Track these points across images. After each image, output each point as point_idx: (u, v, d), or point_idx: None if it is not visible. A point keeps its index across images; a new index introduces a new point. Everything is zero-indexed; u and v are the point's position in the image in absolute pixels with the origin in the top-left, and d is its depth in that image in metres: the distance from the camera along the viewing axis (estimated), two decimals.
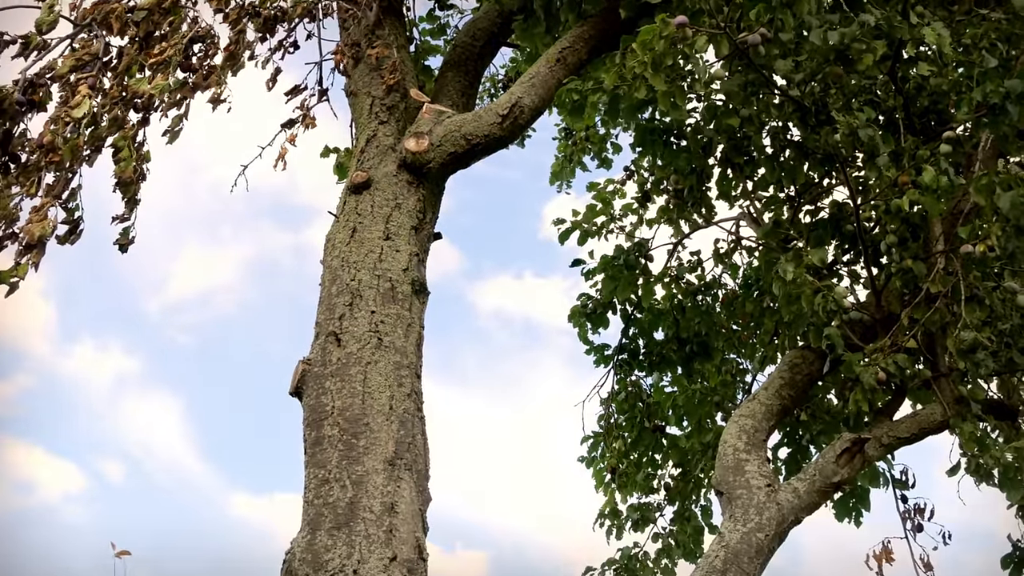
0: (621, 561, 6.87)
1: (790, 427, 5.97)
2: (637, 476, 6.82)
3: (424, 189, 3.83)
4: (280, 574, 2.98)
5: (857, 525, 6.01)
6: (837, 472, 3.90)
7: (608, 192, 7.01)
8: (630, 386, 6.93)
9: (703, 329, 6.50)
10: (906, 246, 4.51)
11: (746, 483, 3.82)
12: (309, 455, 3.13)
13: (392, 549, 2.84)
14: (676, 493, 6.91)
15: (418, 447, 3.23)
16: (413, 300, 3.53)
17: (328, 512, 2.92)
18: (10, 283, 3.42)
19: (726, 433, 4.20)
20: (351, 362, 3.26)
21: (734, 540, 3.54)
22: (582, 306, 6.69)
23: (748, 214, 6.66)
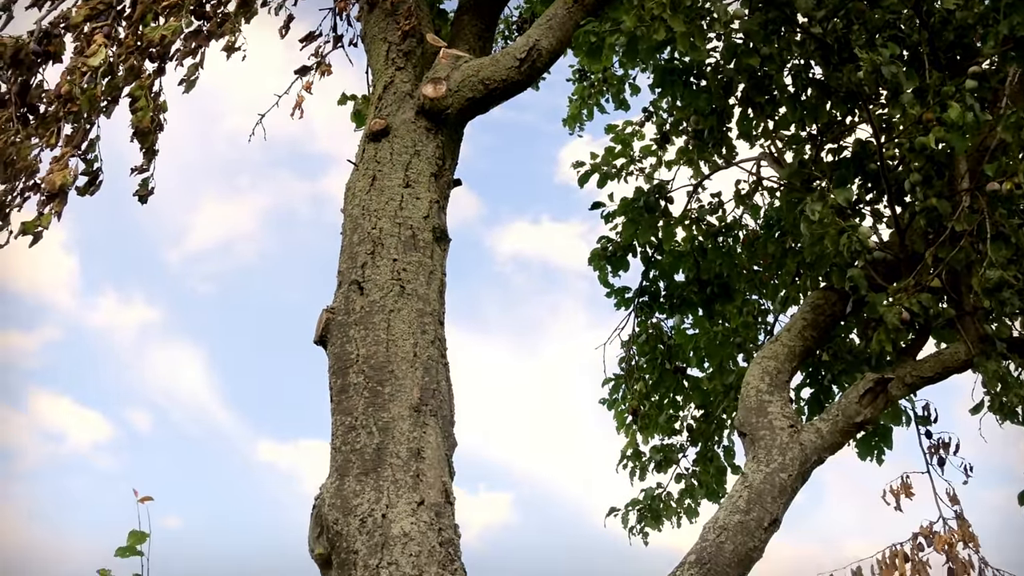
0: (644, 501, 6.96)
1: (812, 368, 5.97)
2: (659, 418, 6.87)
3: (443, 135, 3.80)
4: (310, 519, 3.03)
5: (879, 463, 6.04)
6: (860, 412, 3.91)
7: (627, 134, 6.94)
8: (651, 328, 6.94)
9: (724, 271, 6.48)
10: (931, 184, 4.45)
11: (769, 424, 3.83)
12: (335, 403, 3.17)
13: (420, 493, 2.88)
14: (698, 434, 6.95)
15: (443, 393, 3.26)
16: (434, 247, 3.53)
17: (356, 458, 2.95)
18: (34, 233, 3.44)
19: (748, 375, 4.21)
20: (374, 310, 3.28)
21: (757, 480, 3.56)
22: (602, 249, 6.67)
23: (769, 154, 6.58)
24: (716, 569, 3.24)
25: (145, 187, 4.23)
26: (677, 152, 6.78)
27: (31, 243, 3.44)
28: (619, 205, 6.58)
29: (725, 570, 3.26)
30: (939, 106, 4.20)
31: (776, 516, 3.49)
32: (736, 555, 3.30)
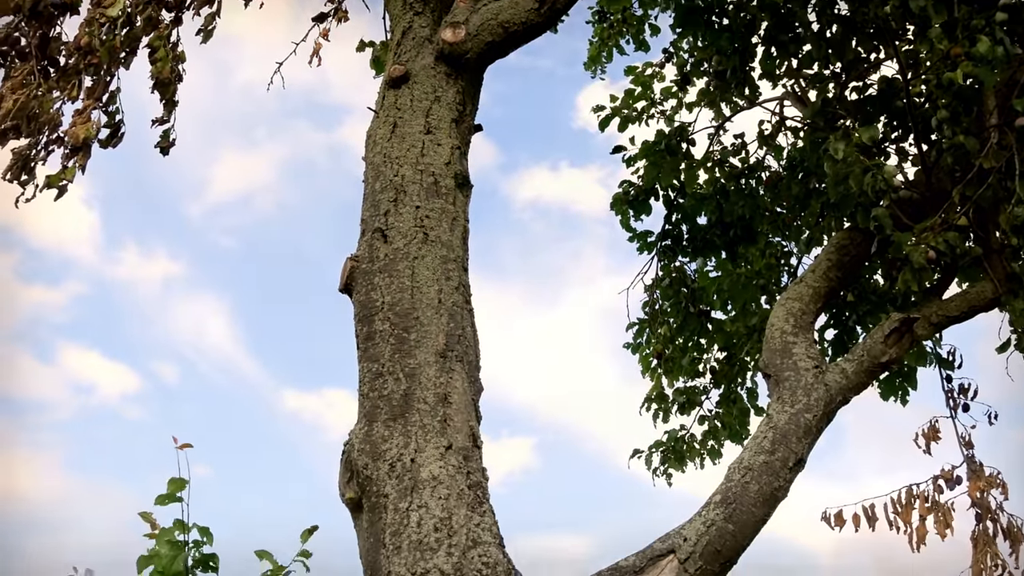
0: (668, 443, 7.01)
1: (836, 309, 5.95)
2: (683, 360, 6.88)
3: (463, 80, 3.77)
4: (340, 464, 3.08)
5: (903, 404, 6.05)
6: (885, 352, 3.90)
7: (647, 76, 6.85)
8: (674, 272, 6.92)
9: (747, 213, 6.42)
10: (958, 121, 4.37)
11: (793, 365, 3.84)
12: (362, 350, 3.20)
13: (447, 438, 2.91)
14: (722, 376, 6.97)
15: (468, 339, 3.28)
16: (457, 194, 3.53)
17: (384, 404, 2.99)
18: (59, 187, 3.47)
19: (773, 316, 4.20)
20: (398, 257, 3.29)
21: (782, 421, 3.57)
22: (624, 193, 6.63)
23: (793, 93, 6.47)
24: (741, 508, 3.27)
25: (166, 139, 4.25)
26: (698, 93, 6.69)
27: (56, 197, 3.47)
28: (640, 148, 6.51)
29: (750, 509, 3.29)
30: (968, 40, 4.10)
31: (801, 456, 3.51)
32: (761, 495, 3.32)
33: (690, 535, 3.20)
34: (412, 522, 2.72)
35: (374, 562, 2.75)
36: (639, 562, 3.15)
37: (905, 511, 4.43)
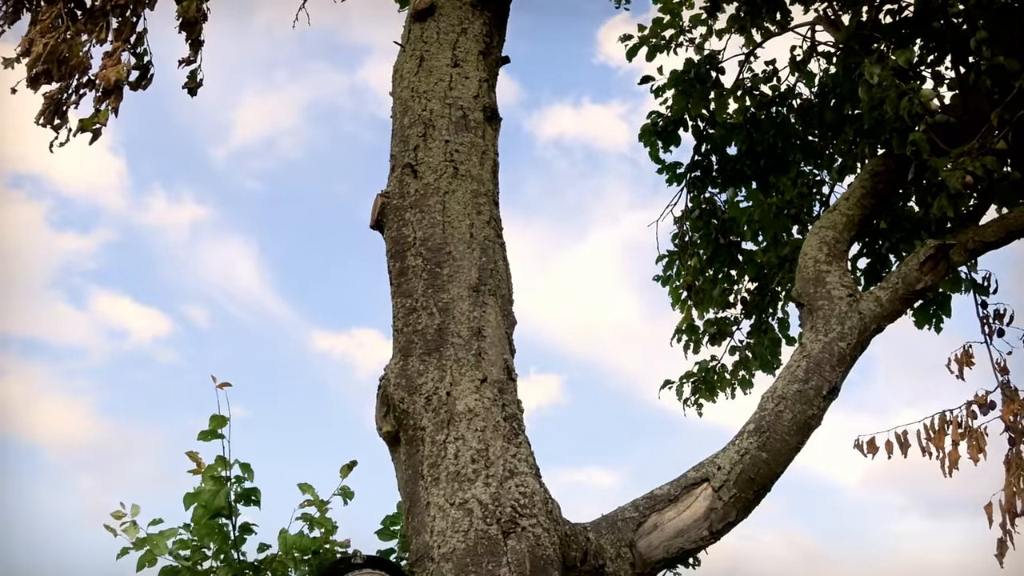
0: (699, 374, 7.04)
1: (870, 237, 5.88)
2: (713, 292, 6.86)
3: (489, 12, 3.71)
4: (376, 399, 3.12)
5: (937, 331, 6.01)
6: (920, 279, 3.86)
7: (675, 3, 6.72)
8: (704, 203, 6.86)
9: (778, 141, 6.33)
10: (998, 41, 4.25)
11: (827, 294, 3.81)
12: (395, 285, 3.21)
13: (482, 371, 2.94)
14: (753, 307, 6.95)
15: (500, 273, 3.29)
16: (486, 127, 3.51)
17: (418, 339, 3.02)
18: (92, 130, 3.49)
19: (806, 245, 4.16)
20: (429, 192, 3.29)
21: (816, 350, 3.57)
22: (652, 124, 6.55)
23: (825, 17, 6.31)
24: (775, 437, 3.29)
25: (193, 79, 4.24)
26: (728, 20, 6.55)
27: (91, 140, 3.49)
28: (669, 78, 6.42)
29: (784, 438, 3.31)
30: None
31: (835, 384, 3.51)
32: (795, 423, 3.34)
33: (724, 464, 3.23)
34: (449, 454, 2.76)
35: (413, 493, 2.81)
36: (673, 491, 3.19)
37: (938, 437, 4.44)
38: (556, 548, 2.67)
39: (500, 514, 2.61)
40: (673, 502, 3.14)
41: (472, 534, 2.57)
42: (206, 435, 3.60)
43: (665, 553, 3.06)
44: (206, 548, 3.63)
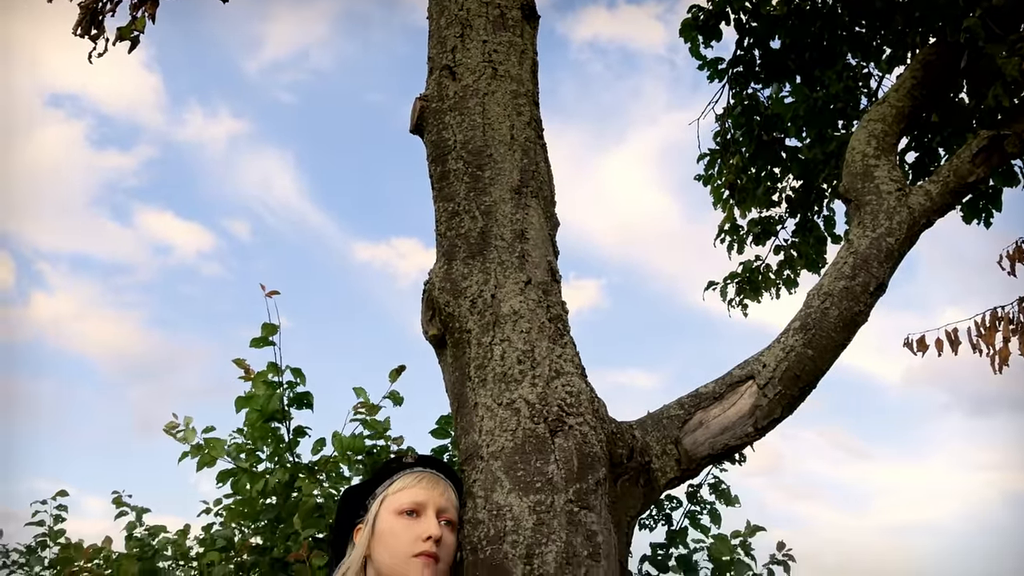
0: (743, 274, 7.00)
1: (919, 130, 5.73)
2: (757, 191, 6.76)
3: None
4: (421, 303, 3.14)
5: (987, 226, 5.89)
6: (973, 172, 3.76)
7: None
8: (747, 99, 6.70)
9: (824, 33, 6.12)
10: None
11: (875, 188, 3.73)
12: (436, 189, 3.20)
13: (526, 273, 2.94)
14: (797, 205, 6.85)
15: (542, 174, 3.26)
16: (524, 26, 3.43)
17: (461, 243, 3.02)
18: (130, 39, 3.46)
19: (854, 139, 4.06)
20: (468, 94, 3.24)
21: (863, 246, 3.51)
22: (693, 19, 6.37)
23: None
24: (821, 334, 3.27)
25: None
26: None
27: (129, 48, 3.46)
28: None
29: (830, 335, 3.29)
30: None
31: (882, 280, 3.46)
32: (841, 320, 3.31)
33: (769, 361, 3.22)
34: (496, 356, 2.79)
35: (460, 395, 2.85)
36: (718, 388, 3.20)
37: (988, 333, 4.40)
38: (603, 445, 2.70)
39: (547, 413, 2.64)
40: (718, 400, 3.16)
41: (520, 433, 2.61)
42: (258, 342, 3.67)
43: (710, 450, 3.09)
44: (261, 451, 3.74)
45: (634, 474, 2.86)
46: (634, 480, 2.87)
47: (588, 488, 2.58)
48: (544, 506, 2.49)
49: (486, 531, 2.50)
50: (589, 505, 2.55)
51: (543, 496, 2.51)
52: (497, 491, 2.54)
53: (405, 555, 2.39)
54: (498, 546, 2.46)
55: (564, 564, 2.42)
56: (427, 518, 2.46)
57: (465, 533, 2.57)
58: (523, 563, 2.42)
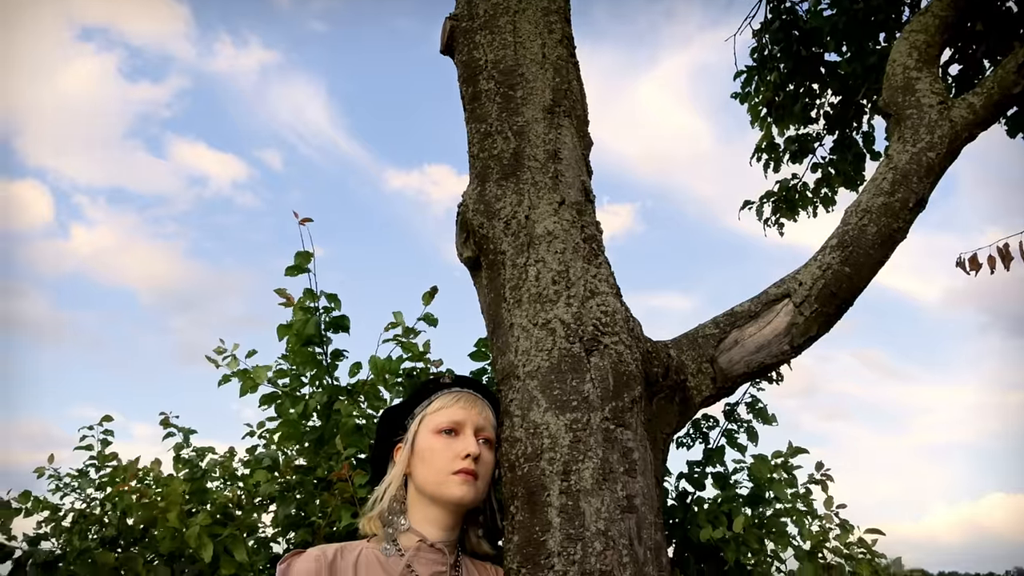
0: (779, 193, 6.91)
1: (962, 41, 5.56)
2: (794, 107, 6.63)
3: None
4: (455, 226, 3.15)
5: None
6: (1018, 83, 3.64)
7: None
8: (784, 14, 6.53)
9: None
10: None
11: (916, 102, 3.64)
12: (468, 111, 3.18)
13: (559, 193, 2.93)
14: (836, 121, 6.71)
15: (574, 93, 3.21)
16: None
17: (494, 164, 3.00)
18: None
19: (895, 52, 3.94)
20: (498, 13, 3.19)
21: (903, 161, 3.44)
22: None
23: None
24: (859, 251, 3.23)
25: None
26: None
27: None
28: None
29: (868, 252, 3.25)
30: None
31: (922, 196, 3.40)
32: (880, 236, 3.26)
33: (805, 279, 3.20)
34: (530, 276, 2.79)
35: (496, 316, 2.87)
36: (754, 307, 3.19)
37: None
38: (638, 364, 2.72)
39: (582, 333, 2.66)
40: (754, 318, 3.15)
41: (556, 352, 2.63)
42: (292, 270, 3.70)
43: (746, 368, 3.09)
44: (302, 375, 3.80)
45: (669, 392, 2.88)
46: (670, 398, 2.89)
47: (624, 406, 2.60)
48: (580, 424, 2.52)
49: (523, 449, 2.54)
50: (625, 423, 2.58)
51: (579, 414, 2.54)
52: (534, 410, 2.57)
53: (444, 472, 2.44)
54: (535, 463, 2.50)
55: (601, 480, 2.46)
56: (465, 437, 2.49)
57: (503, 451, 2.61)
58: (560, 479, 2.46)
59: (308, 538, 3.38)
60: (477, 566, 2.58)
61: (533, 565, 2.40)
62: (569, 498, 2.44)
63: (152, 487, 3.80)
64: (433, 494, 2.46)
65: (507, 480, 2.59)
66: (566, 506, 2.43)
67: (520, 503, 2.50)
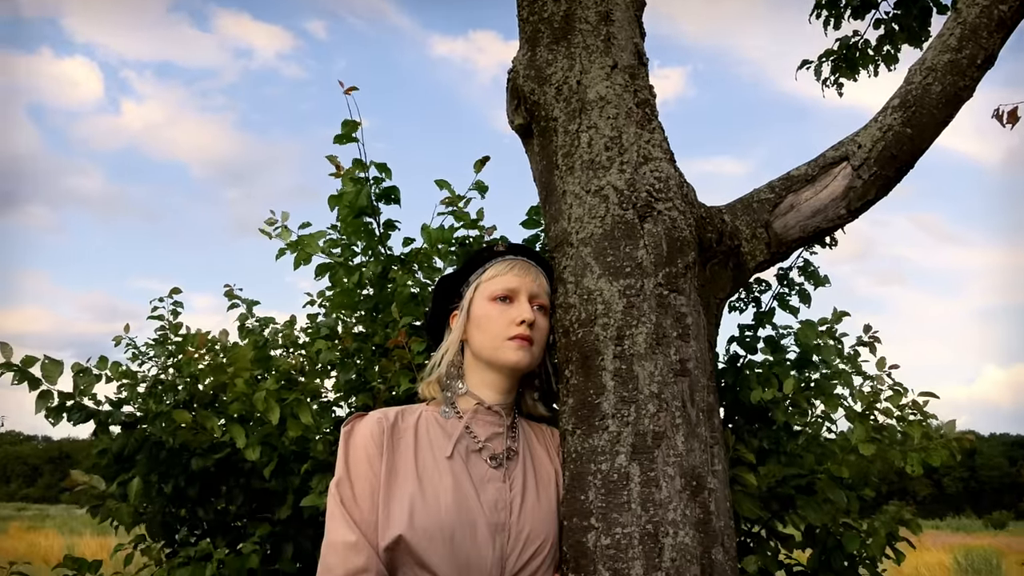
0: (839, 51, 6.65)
1: None
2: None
3: None
4: (506, 92, 3.10)
5: None
6: None
7: None
8: None
9: None
10: None
11: None
12: None
13: (612, 57, 2.86)
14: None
15: None
16: None
17: (544, 28, 2.93)
18: None
19: None
20: None
21: (972, 15, 3.27)
22: None
23: None
24: (921, 111, 3.13)
25: None
26: None
27: None
28: None
29: (931, 112, 3.14)
30: None
31: (992, 52, 3.25)
32: (944, 95, 3.15)
33: (864, 142, 3.12)
34: (583, 143, 2.76)
35: (548, 183, 2.86)
36: (810, 171, 3.13)
37: None
38: (692, 230, 2.71)
39: (636, 199, 2.64)
40: (810, 182, 3.10)
41: (609, 219, 2.63)
42: (340, 139, 3.69)
43: (801, 232, 3.07)
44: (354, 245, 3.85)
45: (723, 258, 2.88)
46: (723, 264, 2.89)
47: (678, 272, 2.61)
48: (634, 290, 2.54)
49: (577, 315, 2.58)
50: (678, 288, 2.59)
51: (633, 280, 2.55)
52: (587, 276, 2.59)
53: (500, 338, 2.49)
54: (589, 328, 2.54)
55: (654, 344, 2.50)
56: (520, 303, 2.53)
57: (557, 317, 2.65)
58: (614, 344, 2.50)
59: (369, 402, 3.51)
60: (533, 428, 2.66)
61: (587, 426, 2.48)
62: (623, 362, 2.48)
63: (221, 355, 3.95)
64: (489, 360, 2.52)
65: (561, 345, 2.64)
66: (620, 370, 2.48)
67: (575, 367, 2.56)
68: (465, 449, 2.45)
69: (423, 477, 2.34)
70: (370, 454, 2.35)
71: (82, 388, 3.40)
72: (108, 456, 3.54)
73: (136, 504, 3.57)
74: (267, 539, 3.56)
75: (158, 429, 3.55)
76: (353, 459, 2.36)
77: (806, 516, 3.45)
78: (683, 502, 2.38)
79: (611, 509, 2.37)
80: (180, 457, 3.56)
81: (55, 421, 3.34)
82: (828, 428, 3.75)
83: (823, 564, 3.58)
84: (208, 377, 3.64)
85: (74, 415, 3.40)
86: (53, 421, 3.34)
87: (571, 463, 2.50)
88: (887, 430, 3.51)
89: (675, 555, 2.32)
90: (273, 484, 3.56)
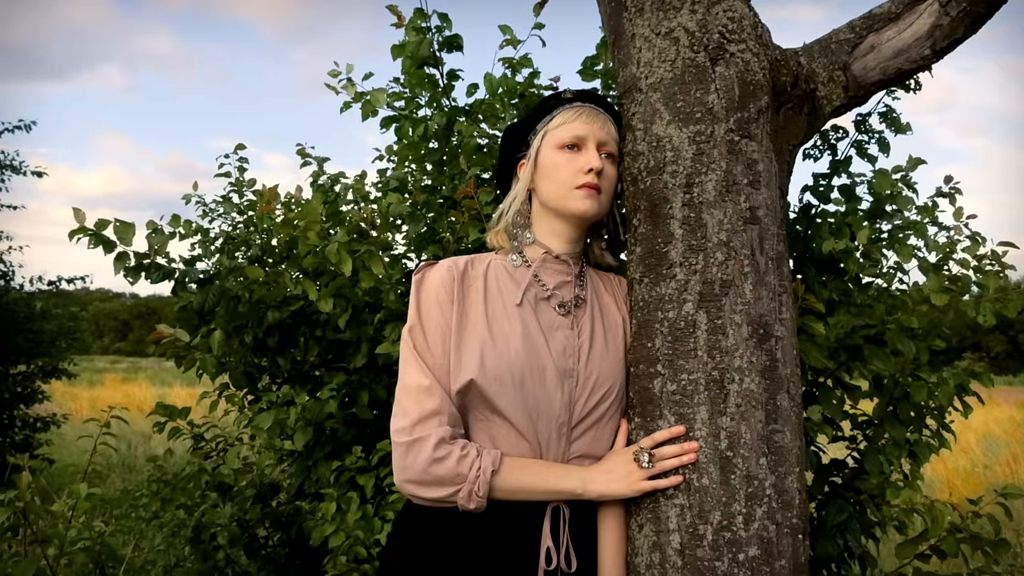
0: None
1: None
2: None
3: None
4: None
5: None
6: None
7: None
8: None
9: None
10: None
11: None
12: None
13: None
14: None
15: None
16: None
17: None
18: None
19: None
20: None
21: None
22: None
23: None
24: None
25: None
26: None
27: None
28: None
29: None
30: None
31: None
32: None
33: None
34: None
35: (617, 26, 2.77)
36: (895, 8, 2.96)
37: None
38: (765, 73, 2.61)
39: (707, 41, 2.55)
40: (894, 20, 2.94)
41: (679, 63, 2.55)
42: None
43: (882, 75, 2.93)
44: (418, 97, 3.82)
45: (798, 102, 2.78)
46: (798, 108, 2.79)
47: (749, 117, 2.54)
48: (704, 136, 2.48)
49: (646, 162, 2.54)
50: (750, 134, 2.53)
51: (703, 126, 2.49)
52: (656, 123, 2.54)
53: (568, 186, 2.47)
54: (658, 176, 2.51)
55: (724, 191, 2.46)
56: (588, 151, 2.50)
57: (625, 165, 2.62)
58: (683, 191, 2.47)
59: (438, 253, 3.55)
60: (600, 276, 2.67)
61: (655, 275, 2.48)
62: (692, 210, 2.45)
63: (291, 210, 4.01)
64: (557, 208, 2.51)
65: (629, 194, 2.61)
66: (688, 218, 2.45)
67: (643, 216, 2.54)
68: (534, 297, 2.48)
69: (493, 324, 2.38)
70: (441, 301, 2.39)
71: (156, 248, 3.51)
72: (189, 311, 3.68)
73: (219, 355, 3.73)
74: (343, 387, 3.71)
75: (233, 284, 3.67)
76: (424, 306, 2.41)
77: (874, 367, 3.45)
78: (749, 349, 2.39)
79: (678, 356, 2.40)
80: (257, 310, 3.69)
81: (134, 280, 3.47)
82: (900, 279, 3.69)
83: (889, 415, 3.59)
84: (280, 231, 3.71)
85: (152, 274, 3.53)
86: (132, 280, 3.47)
87: (638, 311, 2.52)
88: (961, 280, 3.44)
89: (740, 400, 2.35)
90: (347, 334, 3.68)
